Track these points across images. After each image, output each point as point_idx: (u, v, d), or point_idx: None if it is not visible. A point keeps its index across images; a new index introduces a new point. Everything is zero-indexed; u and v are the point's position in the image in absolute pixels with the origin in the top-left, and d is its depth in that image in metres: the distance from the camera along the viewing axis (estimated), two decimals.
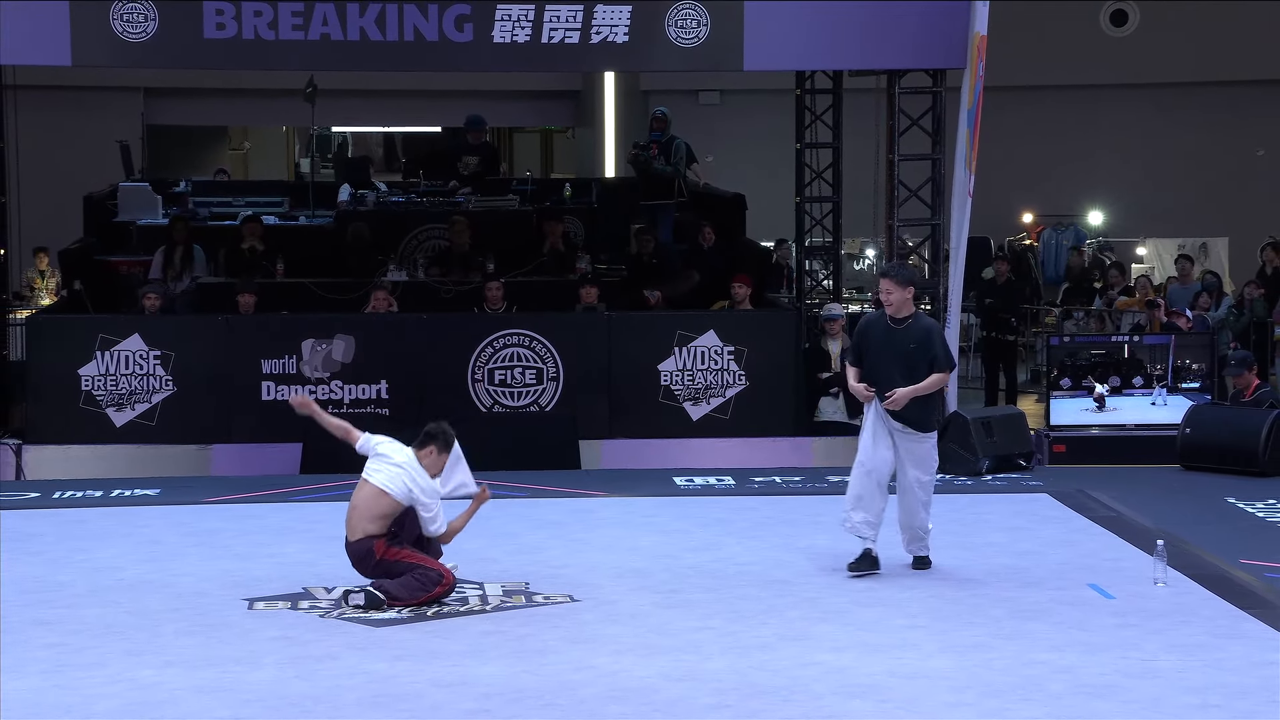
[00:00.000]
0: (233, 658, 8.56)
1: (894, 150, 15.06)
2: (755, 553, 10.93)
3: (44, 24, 13.81)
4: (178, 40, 14.01)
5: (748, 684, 8.13)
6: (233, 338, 14.92)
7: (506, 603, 9.69)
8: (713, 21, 14.32)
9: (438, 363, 14.87)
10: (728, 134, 21.69)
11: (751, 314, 15.88)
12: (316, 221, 17.87)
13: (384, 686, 8.08)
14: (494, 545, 11.14)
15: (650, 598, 9.80)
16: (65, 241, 18.33)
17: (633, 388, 14.96)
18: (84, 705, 7.83)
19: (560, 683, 8.15)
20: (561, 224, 17.29)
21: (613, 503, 12.77)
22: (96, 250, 17.54)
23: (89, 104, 22.72)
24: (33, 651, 8.66)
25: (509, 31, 14.21)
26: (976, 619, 9.27)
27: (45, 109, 21.19)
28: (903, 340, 9.98)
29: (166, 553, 10.96)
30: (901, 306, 10.02)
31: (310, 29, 14.04)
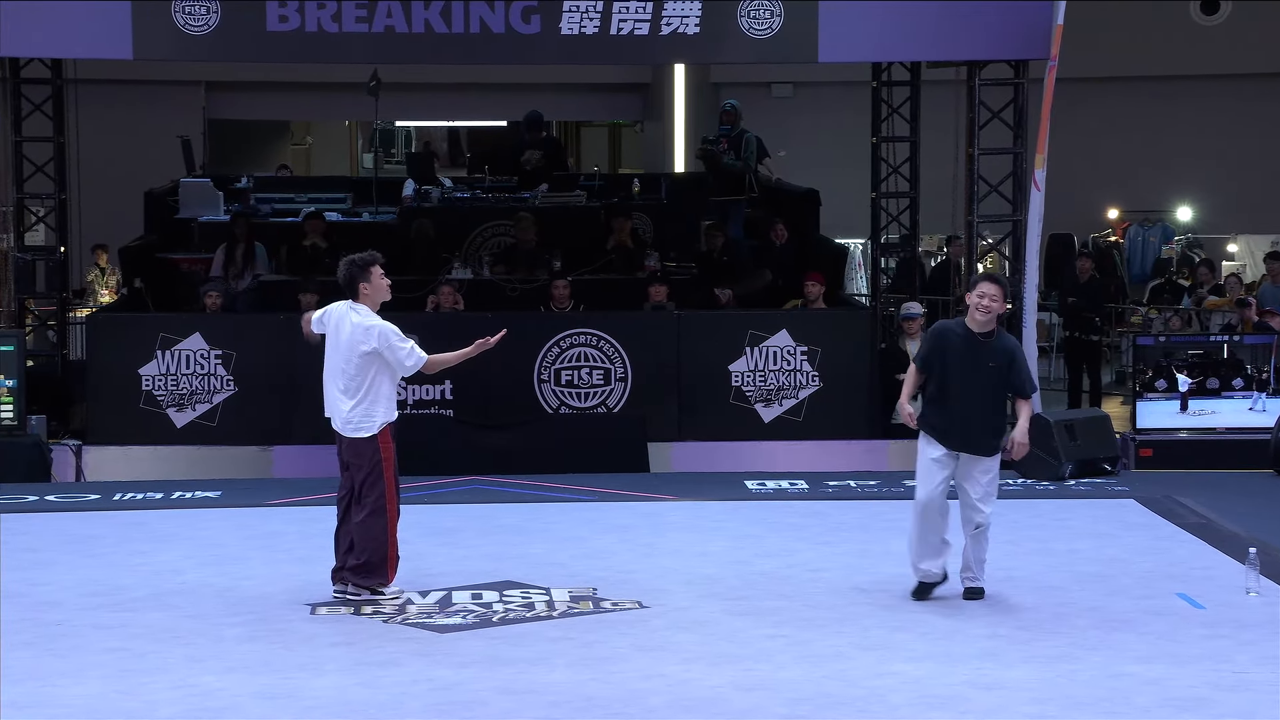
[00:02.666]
0: (295, 664, 8.61)
1: (974, 144, 14.99)
2: (829, 559, 10.90)
3: (105, 17, 13.94)
4: (240, 33, 14.11)
5: (822, 694, 8.11)
6: (295, 337, 14.96)
7: (574, 609, 9.70)
8: (786, 12, 14.29)
9: (503, 363, 14.84)
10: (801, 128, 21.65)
11: (825, 313, 15.85)
12: (380, 218, 17.96)
13: (449, 694, 8.11)
14: (561, 549, 11.18)
15: (721, 605, 9.79)
16: (126, 239, 18.50)
17: (703, 389, 14.96)
18: (146, 711, 7.90)
19: (628, 691, 8.15)
20: (630, 220, 17.31)
21: (682, 506, 12.77)
22: (157, 247, 17.69)
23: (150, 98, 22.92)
24: (94, 656, 8.74)
25: (577, 23, 14.24)
26: (1060, 629, 9.22)
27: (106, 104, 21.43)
28: (986, 356, 9.56)
29: (228, 556, 11.03)
30: (992, 319, 9.63)
31: (374, 21, 14.12)
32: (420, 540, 11.40)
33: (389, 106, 20.28)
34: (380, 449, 9.67)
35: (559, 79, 22.97)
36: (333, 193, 19.12)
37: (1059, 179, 14.81)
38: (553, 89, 23.06)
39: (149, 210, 18.57)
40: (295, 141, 28.75)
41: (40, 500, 12.98)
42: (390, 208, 18.11)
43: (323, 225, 17.11)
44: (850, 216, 19.12)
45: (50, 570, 10.66)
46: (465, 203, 17.99)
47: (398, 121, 26.64)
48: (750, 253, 17.50)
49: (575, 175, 19.62)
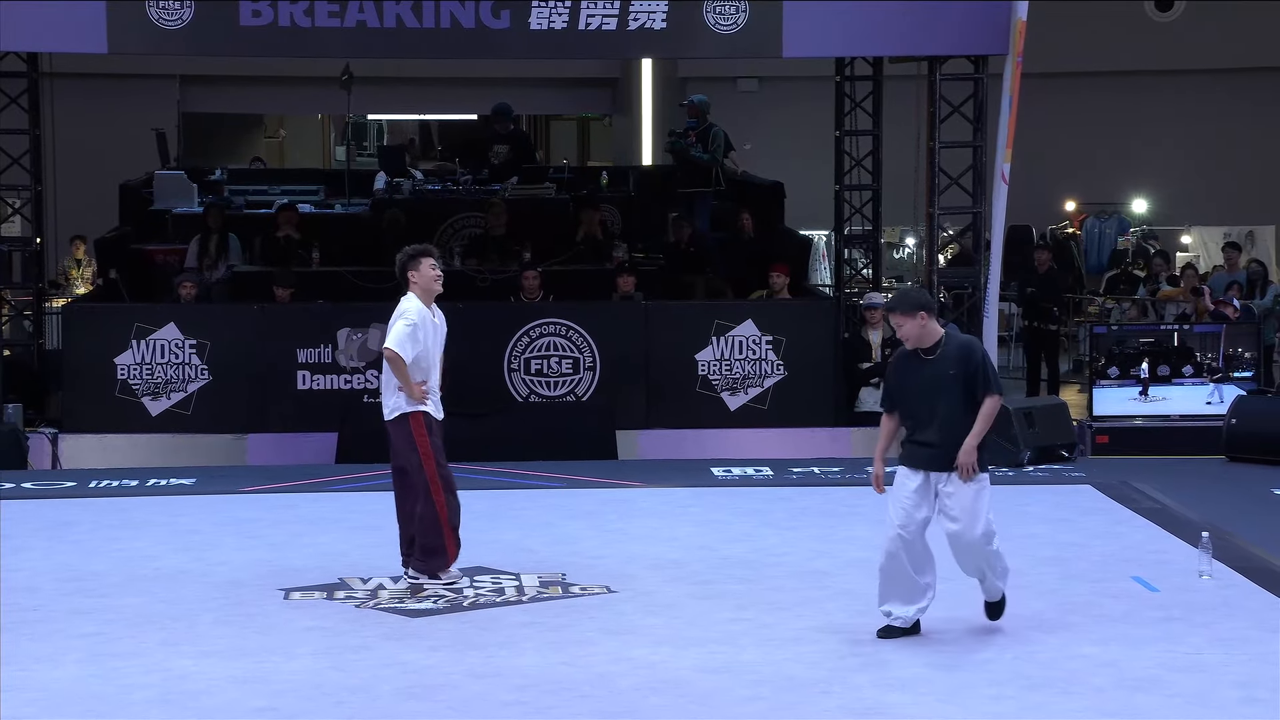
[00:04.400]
0: (269, 648, 8.60)
1: (935, 138, 15.03)
2: (793, 544, 10.93)
3: (80, 11, 13.89)
4: (214, 28, 14.07)
5: (783, 676, 8.12)
6: (268, 326, 14.98)
7: (543, 594, 9.71)
8: (752, 8, 14.29)
9: (474, 352, 14.85)
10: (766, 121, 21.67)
11: (790, 303, 15.88)
12: (352, 210, 17.91)
13: (420, 677, 8.11)
14: (530, 535, 11.18)
15: (687, 589, 9.81)
16: (101, 230, 18.42)
17: (670, 378, 14.97)
18: (121, 695, 7.88)
19: (597, 674, 8.16)
20: (599, 212, 17.30)
21: (650, 493, 12.78)
22: (132, 239, 17.63)
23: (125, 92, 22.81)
24: (70, 641, 8.72)
25: (546, 18, 14.23)
26: (1018, 612, 9.24)
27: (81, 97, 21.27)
28: (940, 368, 8.62)
29: (203, 542, 11.01)
30: (921, 336, 8.63)
31: (346, 16, 14.08)
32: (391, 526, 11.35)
33: (361, 100, 20.23)
34: (412, 434, 9.63)
35: (528, 74, 22.93)
36: (306, 185, 19.07)
37: (1017, 172, 14.84)
38: (522, 83, 23.03)
39: (124, 202, 18.51)
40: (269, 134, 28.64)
41: (16, 488, 12.93)
42: (362, 200, 18.06)
43: (296, 217, 17.07)
44: (814, 208, 19.15)
45: (26, 556, 10.63)
46: (436, 195, 17.96)
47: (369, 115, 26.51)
48: (717, 244, 17.51)
49: (544, 168, 19.60)
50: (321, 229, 17.27)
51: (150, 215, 17.85)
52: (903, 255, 22.00)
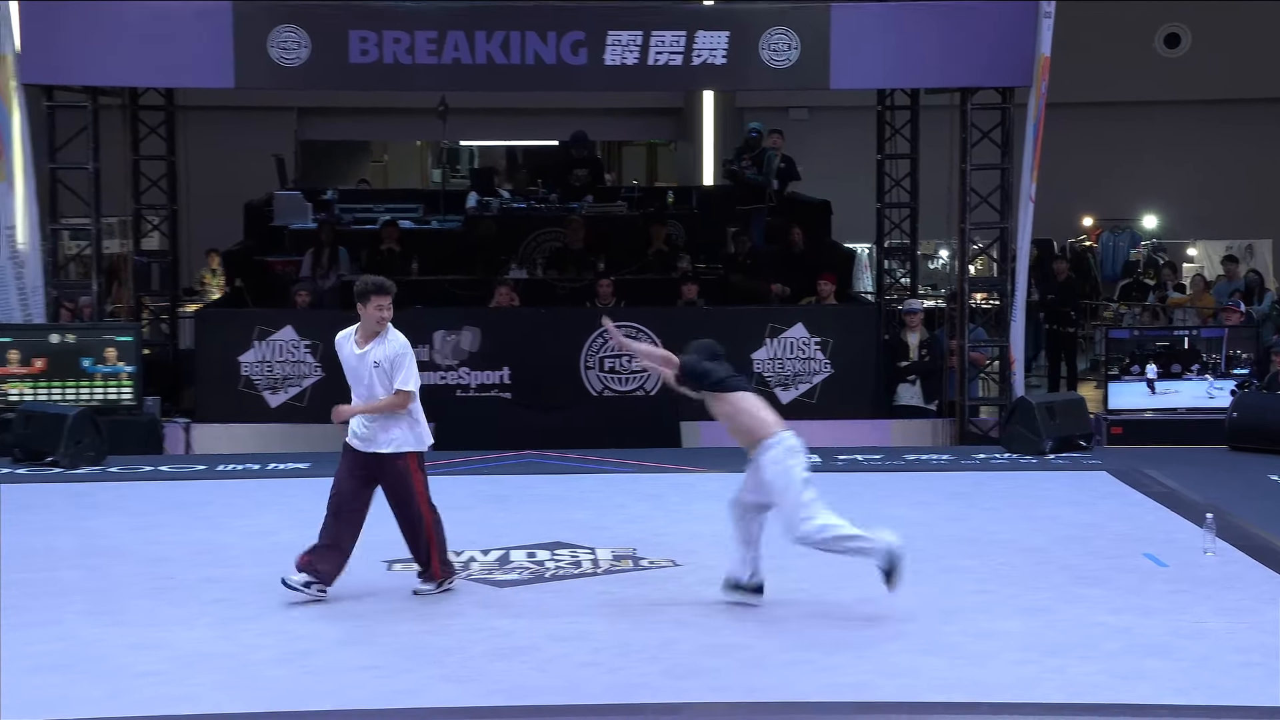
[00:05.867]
0: (373, 612, 8.62)
1: (966, 160, 14.92)
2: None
3: (211, 51, 13.99)
4: (327, 65, 14.14)
5: (829, 641, 8.07)
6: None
7: (616, 566, 9.69)
8: (803, 45, 14.24)
9: (554, 352, 14.91)
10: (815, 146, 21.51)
11: (836, 308, 15.81)
12: (447, 225, 17.97)
13: (506, 640, 8.11)
14: (604, 515, 11.17)
15: None
16: (228, 244, 18.56)
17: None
18: (243, 654, 7.91)
19: (663, 639, 8.13)
20: (665, 227, 17.28)
21: (711, 477, 12.72)
22: (255, 251, 17.74)
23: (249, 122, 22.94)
24: (202, 606, 8.78)
25: (619, 55, 14.22)
26: (1041, 585, 9.17)
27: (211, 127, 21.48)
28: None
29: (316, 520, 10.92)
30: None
31: (443, 54, 14.12)
32: (482, 506, 11.43)
33: (455, 128, 20.29)
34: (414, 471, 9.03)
35: (603, 104, 22.91)
36: (406, 203, 19.14)
37: (1039, 190, 14.71)
38: (597, 112, 23.01)
39: (248, 219, 18.63)
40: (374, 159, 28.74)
41: (154, 470, 13.04)
42: (456, 216, 18.12)
43: (397, 232, 17.14)
44: (858, 224, 19.05)
45: (163, 531, 10.72)
46: (521, 212, 17.99)
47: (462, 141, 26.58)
48: (770, 256, 17.46)
49: (617, 188, 19.60)
50: (420, 242, 17.34)
51: (270, 231, 17.96)
52: (937, 266, 21.87)
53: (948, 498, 11.74)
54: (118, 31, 13.98)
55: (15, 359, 13.89)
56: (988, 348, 15.53)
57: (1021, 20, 14.27)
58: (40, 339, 13.98)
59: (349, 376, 8.99)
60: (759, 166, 18.04)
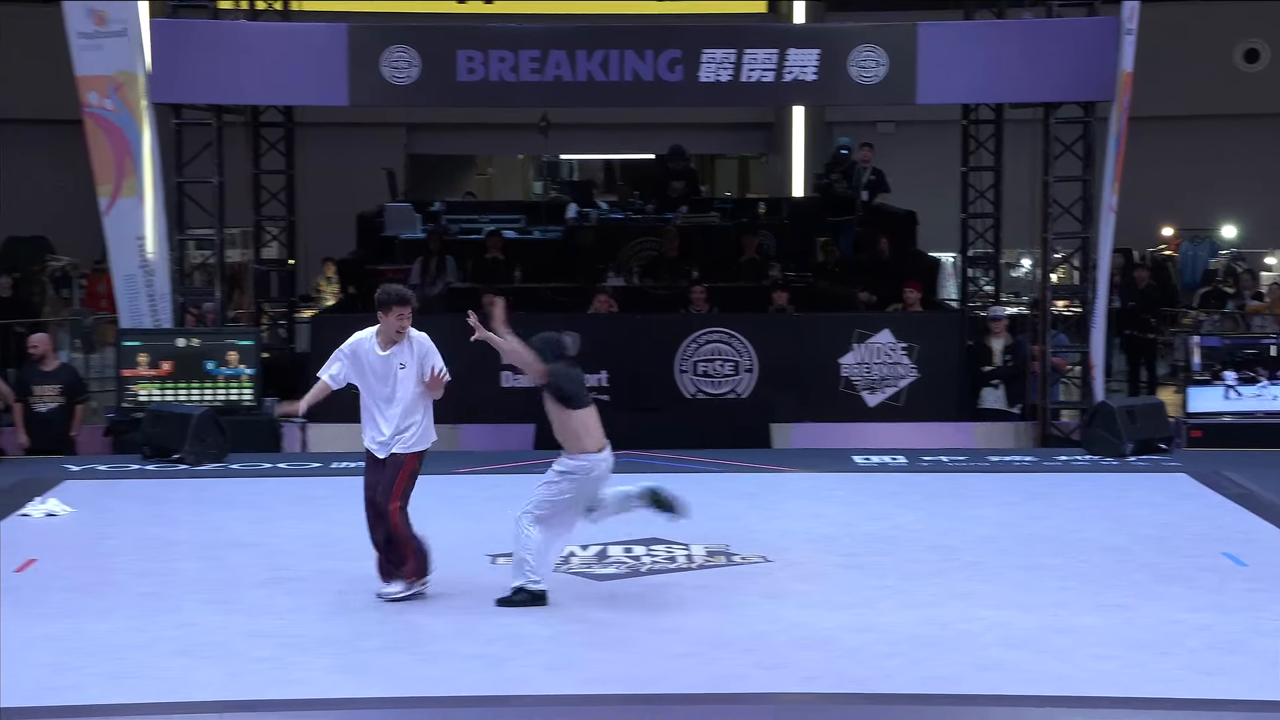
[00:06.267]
0: (480, 605, 8.65)
1: (1049, 173, 14.74)
2: (925, 522, 10.79)
3: (327, 71, 14.12)
4: (436, 83, 14.22)
5: (919, 635, 8.03)
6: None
7: (710, 562, 9.69)
8: (890, 61, 14.14)
9: (650, 356, 14.91)
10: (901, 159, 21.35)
11: (921, 315, 15.69)
12: (548, 235, 18.04)
13: (605, 632, 8.14)
14: (698, 512, 10.97)
15: (834, 559, 9.74)
16: (342, 253, 18.74)
17: (818, 378, 14.86)
18: (358, 640, 8.00)
19: (756, 631, 8.12)
20: (756, 237, 17.24)
21: (800, 477, 12.70)
22: (367, 260, 17.88)
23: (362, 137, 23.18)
24: (316, 596, 8.87)
25: (713, 72, 14.20)
26: (1122, 582, 9.06)
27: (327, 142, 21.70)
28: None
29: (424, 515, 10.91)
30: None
31: (546, 72, 14.17)
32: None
33: (556, 142, 20.39)
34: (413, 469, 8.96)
35: (697, 119, 22.91)
36: (509, 214, 19.22)
37: (1120, 201, 14.52)
38: (691, 127, 22.99)
39: (360, 229, 18.78)
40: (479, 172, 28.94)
41: (273, 468, 13.20)
42: (557, 226, 18.18)
43: (501, 241, 17.23)
44: (943, 233, 18.89)
45: (281, 524, 10.85)
46: (619, 222, 18.02)
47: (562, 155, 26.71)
48: (858, 265, 17.37)
49: (710, 199, 19.58)
50: (522, 251, 17.42)
51: (381, 240, 18.09)
52: (1019, 274, 21.65)
53: (1030, 498, 11.62)
54: (241, 53, 14.17)
55: (144, 362, 14.12)
56: (1069, 353, 15.35)
57: (1103, 36, 14.08)
58: (167, 343, 14.20)
59: (371, 375, 8.96)
60: (849, 180, 17.95)
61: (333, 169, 21.83)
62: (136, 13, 14.31)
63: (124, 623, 8.25)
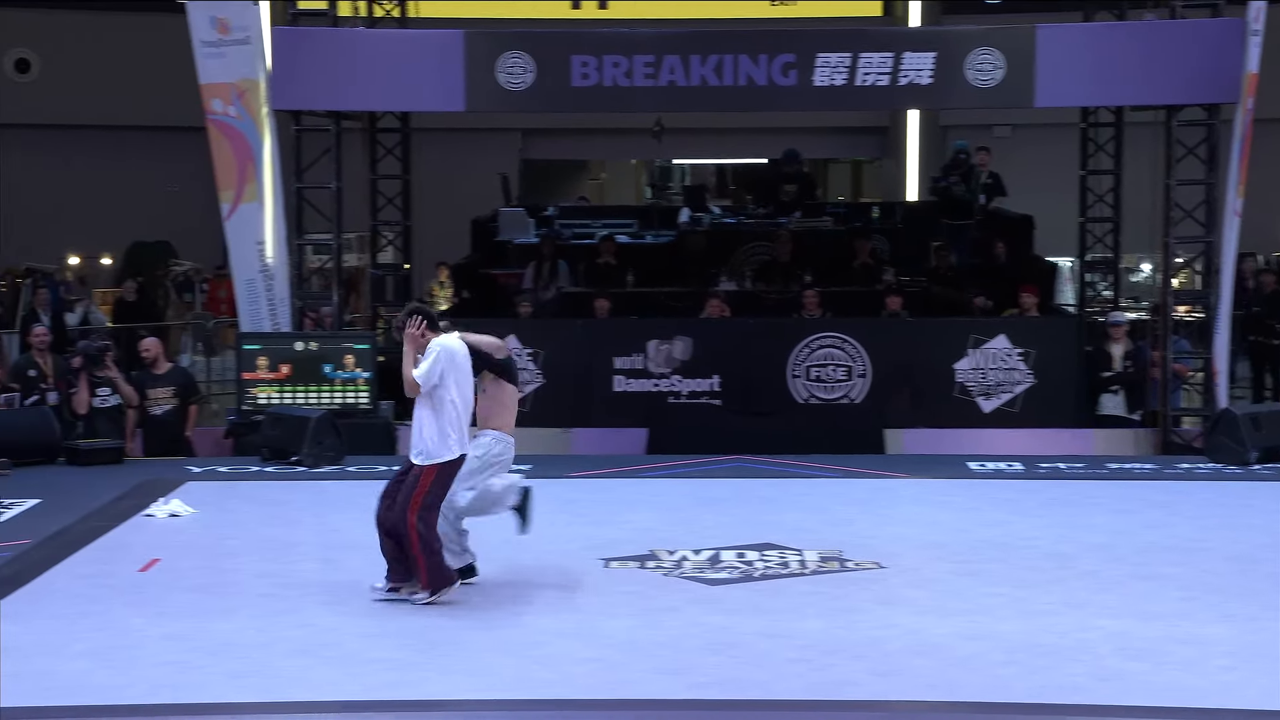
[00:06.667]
0: (593, 608, 8.70)
1: (1170, 176, 14.48)
2: (1041, 530, 10.64)
3: (443, 77, 14.27)
4: (551, 88, 14.30)
5: (1035, 644, 7.92)
6: (590, 338, 15.19)
7: (823, 567, 9.63)
8: (1008, 64, 13.98)
9: (762, 360, 14.88)
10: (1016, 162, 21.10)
11: (1038, 320, 15.49)
12: (660, 239, 18.07)
13: (718, 636, 8.11)
14: (810, 518, 11.10)
15: (948, 566, 9.64)
16: (456, 257, 18.91)
17: (932, 384, 14.74)
18: (472, 643, 8.05)
19: (869, 638, 8.06)
20: (870, 242, 17.13)
21: (914, 484, 12.60)
22: (481, 264, 18.04)
23: (476, 143, 23.38)
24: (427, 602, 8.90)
25: (828, 76, 14.13)
26: (1246, 593, 8.85)
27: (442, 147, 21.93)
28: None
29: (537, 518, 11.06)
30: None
31: (660, 77, 14.19)
32: (694, 508, 11.46)
33: (668, 147, 20.40)
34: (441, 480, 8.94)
35: (810, 123, 22.79)
36: (622, 219, 19.28)
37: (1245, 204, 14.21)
38: (805, 131, 22.91)
39: (475, 234, 18.95)
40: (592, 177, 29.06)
41: (389, 470, 13.25)
42: (668, 231, 18.21)
43: (614, 246, 17.29)
44: (1060, 238, 18.62)
45: None
46: (731, 227, 18.00)
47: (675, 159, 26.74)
48: (974, 269, 17.18)
49: (823, 204, 19.48)
50: (635, 256, 17.46)
51: (495, 245, 18.24)
52: (1139, 279, 21.28)
53: (1150, 506, 11.41)
54: (359, 59, 14.36)
55: (264, 365, 14.35)
56: (1191, 359, 15.06)
57: (1228, 37, 13.80)
58: (286, 346, 14.41)
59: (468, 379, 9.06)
60: (967, 183, 17.77)
61: (448, 174, 22.06)
62: (259, 21, 14.57)
63: (245, 622, 8.38)
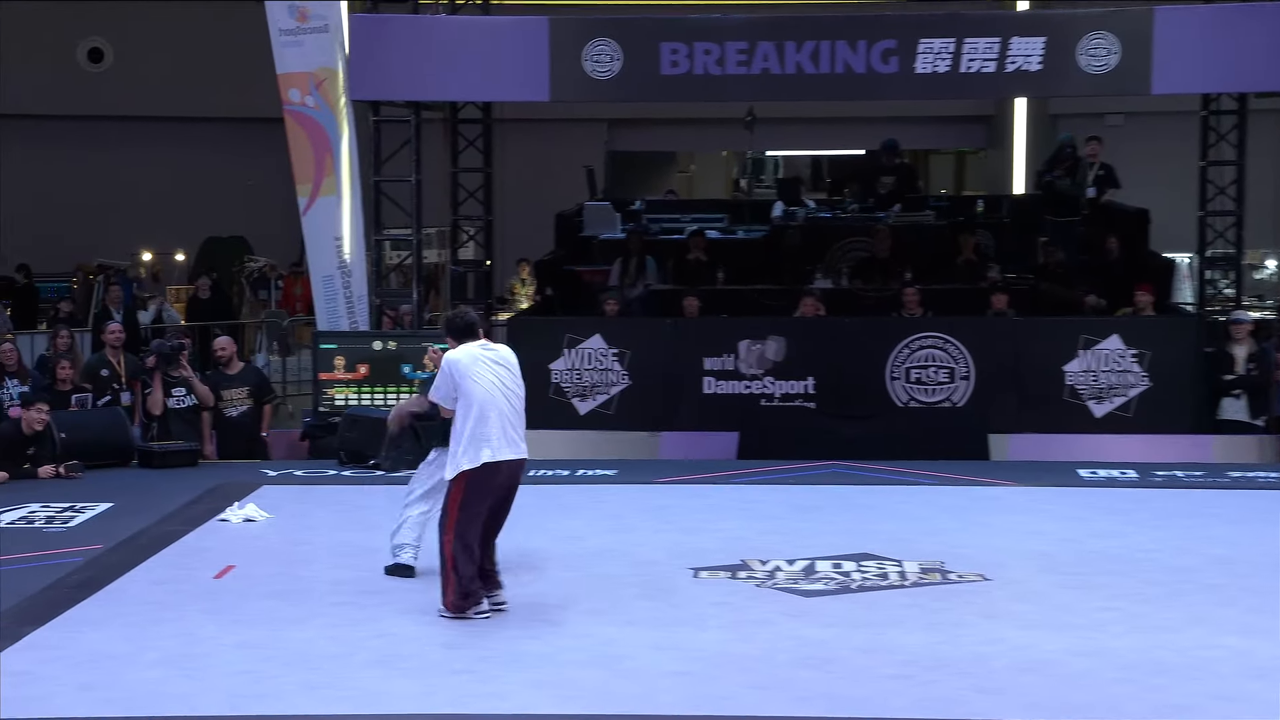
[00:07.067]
0: (682, 619, 8.70)
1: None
2: (1158, 541, 10.53)
3: (527, 65, 14.36)
4: (639, 77, 14.36)
5: (1152, 661, 7.84)
6: (679, 338, 15.21)
7: (924, 579, 9.60)
8: (1123, 48, 13.84)
9: (859, 362, 14.83)
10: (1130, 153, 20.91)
11: (1154, 319, 15.32)
12: (752, 235, 18.06)
13: (814, 650, 8.10)
14: (909, 527, 11.06)
15: (1056, 579, 9.56)
16: (539, 253, 19.03)
17: (1039, 386, 14.62)
18: (555, 655, 8.08)
19: (974, 654, 8.02)
20: (974, 237, 17.02)
21: (1020, 491, 12.51)
22: (565, 261, 18.13)
23: (561, 134, 23.49)
24: (516, 609, 8.93)
25: (930, 63, 14.07)
26: None
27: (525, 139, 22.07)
28: None
29: (624, 525, 11.22)
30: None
31: (753, 65, 14.20)
32: (787, 516, 11.46)
33: (761, 138, 20.38)
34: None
35: (911, 112, 22.69)
36: (712, 213, 19.30)
37: None
38: (905, 120, 22.82)
39: (559, 229, 19.03)
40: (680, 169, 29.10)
41: None
42: (761, 226, 18.19)
43: (704, 241, 17.31)
44: (1178, 233, 18.41)
45: None
46: (827, 221, 17.96)
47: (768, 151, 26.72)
48: (1084, 267, 17.03)
49: (925, 197, 19.39)
50: (725, 252, 17.47)
51: (580, 240, 18.32)
52: (1263, 276, 20.97)
53: (1275, 517, 11.25)
54: (440, 47, 14.49)
55: (341, 365, 14.51)
56: None
57: None
58: (364, 346, 14.58)
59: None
60: (1072, 177, 17.60)
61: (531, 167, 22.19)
62: (338, 8, 14.75)
63: (321, 631, 8.48)
